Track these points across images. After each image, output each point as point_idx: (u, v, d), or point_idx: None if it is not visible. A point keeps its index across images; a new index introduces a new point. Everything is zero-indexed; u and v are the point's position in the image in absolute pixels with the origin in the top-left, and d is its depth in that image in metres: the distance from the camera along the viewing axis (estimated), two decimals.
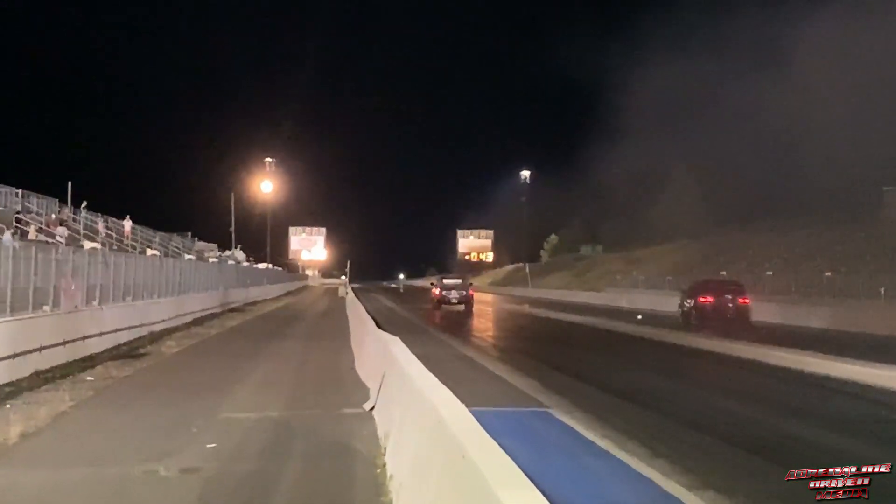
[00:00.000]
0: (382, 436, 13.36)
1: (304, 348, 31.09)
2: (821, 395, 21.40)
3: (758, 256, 78.25)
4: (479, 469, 6.29)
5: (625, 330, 43.30)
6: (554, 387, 21.46)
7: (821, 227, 74.36)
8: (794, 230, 77.62)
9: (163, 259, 45.42)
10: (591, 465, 12.92)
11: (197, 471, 11.71)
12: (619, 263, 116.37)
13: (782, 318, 50.71)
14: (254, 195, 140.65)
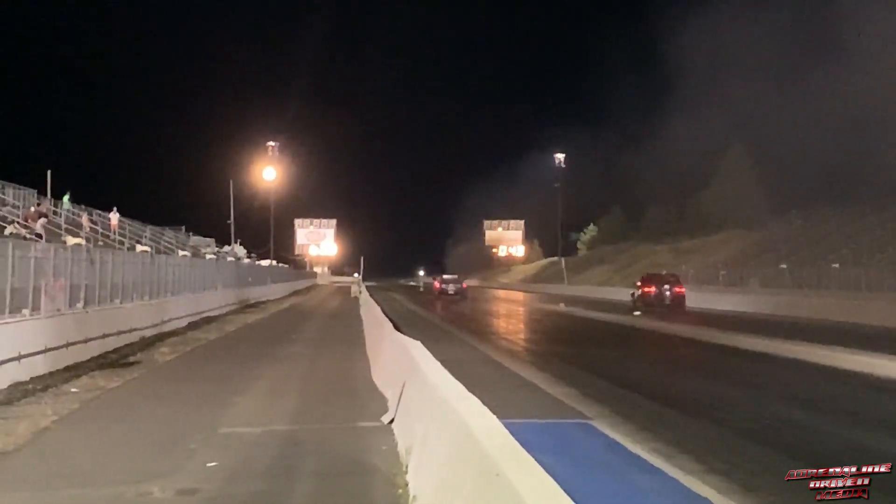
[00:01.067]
0: (403, 452, 13.32)
1: (313, 354, 31.11)
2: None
3: (822, 248, 77.91)
4: (515, 489, 6.24)
5: (675, 332, 43.11)
6: (595, 395, 21.41)
7: (892, 212, 73.88)
8: (864, 219, 77.22)
9: (154, 256, 45.43)
10: (638, 483, 12.87)
11: (195, 492, 11.69)
12: (666, 256, 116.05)
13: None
14: (255, 184, 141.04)
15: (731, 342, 35.69)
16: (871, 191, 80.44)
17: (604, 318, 55.94)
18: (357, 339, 34.72)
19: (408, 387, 15.51)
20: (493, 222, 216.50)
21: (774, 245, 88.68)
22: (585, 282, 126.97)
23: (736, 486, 12.43)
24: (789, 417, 18.87)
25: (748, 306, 66.40)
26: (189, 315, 45.07)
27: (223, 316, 52.77)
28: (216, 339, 37.62)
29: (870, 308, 52.96)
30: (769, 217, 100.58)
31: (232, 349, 33.24)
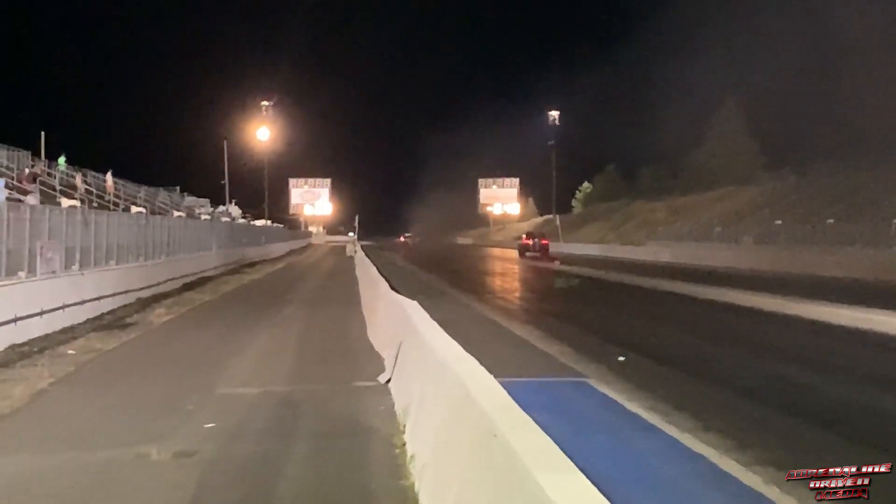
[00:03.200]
0: (400, 412, 13.32)
1: (309, 314, 31.14)
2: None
3: (817, 203, 77.83)
4: (512, 449, 6.23)
5: (671, 289, 43.21)
6: (591, 353, 21.44)
7: (889, 170, 73.73)
8: (858, 174, 77.05)
9: (149, 217, 45.29)
10: (636, 441, 12.89)
11: (193, 454, 11.67)
12: (661, 213, 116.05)
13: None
14: (249, 144, 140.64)
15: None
16: (866, 146, 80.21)
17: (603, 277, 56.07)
18: (353, 298, 34.74)
19: (404, 346, 15.51)
20: (487, 180, 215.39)
21: (769, 202, 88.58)
22: (580, 239, 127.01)
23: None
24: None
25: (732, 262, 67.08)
26: (184, 276, 45.01)
27: (219, 276, 52.72)
28: (212, 300, 37.62)
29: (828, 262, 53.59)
30: (764, 174, 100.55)
31: (228, 310, 33.22)
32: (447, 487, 8.03)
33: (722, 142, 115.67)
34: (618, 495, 8.71)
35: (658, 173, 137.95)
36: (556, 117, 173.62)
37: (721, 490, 10.42)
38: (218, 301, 37.49)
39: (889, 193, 68.17)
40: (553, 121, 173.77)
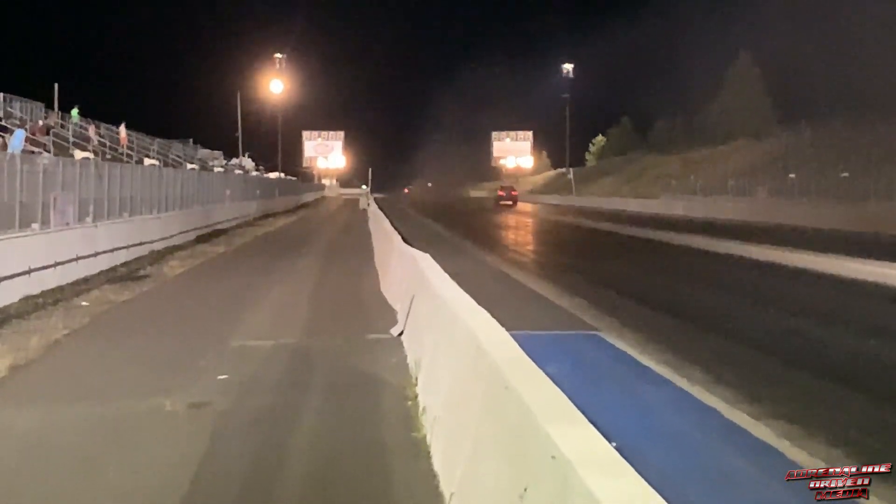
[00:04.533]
0: (413, 364, 13.37)
1: (323, 267, 31.19)
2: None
3: (831, 158, 77.49)
4: (524, 401, 6.24)
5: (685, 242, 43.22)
6: (604, 306, 21.49)
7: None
8: (873, 128, 76.64)
9: (162, 169, 45.29)
10: (648, 394, 12.94)
11: (207, 405, 11.72)
12: (675, 167, 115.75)
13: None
14: (263, 96, 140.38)
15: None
16: (881, 100, 79.77)
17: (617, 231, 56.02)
18: (366, 251, 34.75)
19: (417, 299, 15.53)
20: (500, 133, 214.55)
21: (783, 155, 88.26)
22: (594, 193, 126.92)
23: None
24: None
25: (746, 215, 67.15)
26: (198, 228, 45.05)
27: (232, 229, 52.79)
28: (226, 252, 37.69)
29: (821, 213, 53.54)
30: (778, 128, 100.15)
31: (241, 262, 33.30)
32: (459, 439, 8.07)
33: (736, 96, 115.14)
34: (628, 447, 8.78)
35: (672, 127, 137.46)
36: (570, 70, 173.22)
37: (731, 443, 10.46)
38: (231, 253, 37.55)
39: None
40: (567, 74, 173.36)
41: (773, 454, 9.96)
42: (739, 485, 9.00)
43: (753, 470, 9.45)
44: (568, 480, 4.76)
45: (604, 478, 4.56)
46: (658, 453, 9.69)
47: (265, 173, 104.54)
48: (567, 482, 4.77)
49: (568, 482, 4.76)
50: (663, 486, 4.59)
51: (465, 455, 7.62)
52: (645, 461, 8.53)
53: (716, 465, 9.66)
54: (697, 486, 8.74)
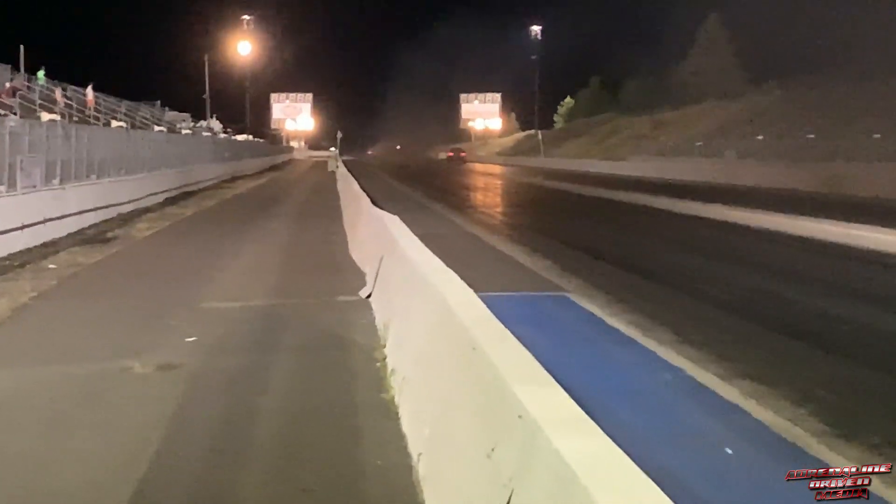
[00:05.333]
0: (381, 326, 13.40)
1: (291, 229, 31.16)
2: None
3: (799, 118, 77.74)
4: (491, 362, 6.29)
5: (653, 203, 43.43)
6: (573, 268, 21.57)
7: (871, 83, 73.55)
8: (841, 90, 76.87)
9: (130, 131, 45.14)
10: (615, 354, 13.02)
11: (177, 367, 11.70)
12: (644, 128, 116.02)
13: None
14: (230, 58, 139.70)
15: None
16: (849, 61, 79.99)
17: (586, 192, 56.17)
18: (334, 214, 34.73)
19: (385, 261, 15.55)
20: (469, 95, 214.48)
21: (753, 117, 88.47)
22: (563, 154, 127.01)
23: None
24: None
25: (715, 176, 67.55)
26: (166, 191, 44.89)
27: (200, 191, 52.59)
28: (194, 215, 37.54)
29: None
30: (748, 89, 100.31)
31: (210, 225, 33.17)
32: (427, 400, 8.12)
33: (706, 57, 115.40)
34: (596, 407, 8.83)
35: (642, 88, 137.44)
36: (539, 32, 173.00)
37: (699, 402, 10.54)
38: (200, 216, 37.40)
39: (871, 107, 68.13)
40: (536, 35, 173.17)
41: (740, 413, 10.05)
42: (706, 443, 9.08)
43: (720, 428, 9.53)
44: (535, 440, 4.81)
45: (570, 437, 4.60)
46: (625, 413, 9.76)
47: (233, 136, 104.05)
48: (534, 441, 4.82)
49: (535, 441, 4.81)
50: (630, 445, 4.64)
51: (433, 415, 7.67)
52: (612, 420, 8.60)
53: (682, 424, 9.74)
54: (664, 444, 8.80)
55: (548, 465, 4.51)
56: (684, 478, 7.72)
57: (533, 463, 4.75)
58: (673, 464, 8.03)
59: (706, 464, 8.43)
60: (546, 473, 4.51)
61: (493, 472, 5.38)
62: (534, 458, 4.76)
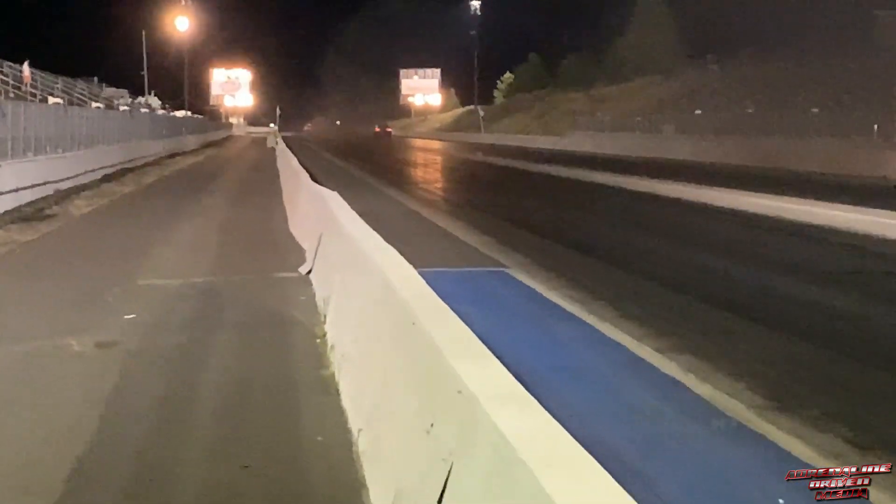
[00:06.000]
0: (321, 302, 13.35)
1: (230, 206, 31.02)
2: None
3: (737, 93, 78.25)
4: (430, 337, 6.29)
5: (592, 179, 43.66)
6: (513, 243, 21.61)
7: (807, 58, 74.11)
8: (778, 63, 77.36)
9: (67, 108, 44.69)
10: (555, 330, 13.05)
11: (115, 345, 11.60)
12: (583, 103, 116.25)
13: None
14: (168, 34, 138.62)
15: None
16: (788, 38, 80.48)
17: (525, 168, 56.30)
18: (274, 190, 34.58)
19: (325, 237, 15.52)
20: (409, 71, 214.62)
21: (690, 92, 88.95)
22: (502, 130, 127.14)
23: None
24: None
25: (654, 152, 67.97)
26: (104, 167, 44.41)
27: (139, 168, 52.13)
28: (133, 192, 37.29)
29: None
30: (686, 64, 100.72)
31: (149, 201, 33.00)
32: (367, 376, 8.11)
33: (645, 32, 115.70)
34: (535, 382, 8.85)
35: (581, 64, 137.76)
36: (478, 7, 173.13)
37: (638, 377, 10.58)
38: (138, 192, 37.19)
39: (809, 83, 68.69)
40: (475, 11, 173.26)
41: (679, 388, 10.10)
42: (644, 418, 9.12)
43: (658, 403, 9.58)
44: (474, 415, 4.81)
45: (509, 412, 4.61)
46: (565, 388, 9.80)
47: (172, 112, 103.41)
48: (473, 416, 4.82)
49: (474, 416, 4.81)
50: (570, 420, 4.65)
51: (373, 391, 7.67)
52: (552, 396, 8.64)
53: (622, 400, 9.78)
54: (603, 419, 8.85)
55: (487, 440, 4.51)
56: (623, 452, 7.76)
57: (472, 438, 4.76)
58: (611, 438, 8.07)
59: (645, 438, 8.48)
60: (485, 448, 4.51)
61: (433, 447, 5.38)
62: (473, 433, 4.76)
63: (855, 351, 11.85)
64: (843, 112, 59.38)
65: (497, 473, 4.29)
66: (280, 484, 7.22)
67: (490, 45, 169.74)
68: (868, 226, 23.31)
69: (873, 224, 23.30)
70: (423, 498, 5.18)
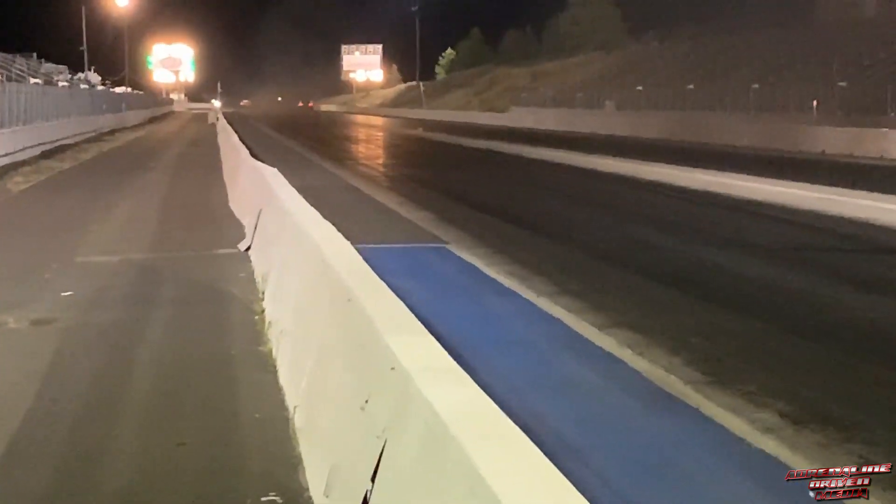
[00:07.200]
0: (260, 279, 13.30)
1: (170, 182, 30.81)
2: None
3: (677, 69, 78.60)
4: (366, 313, 6.29)
5: (533, 155, 43.78)
6: (452, 219, 21.62)
7: (748, 34, 74.52)
8: (718, 38, 77.76)
9: (5, 83, 44.28)
10: (493, 305, 13.06)
11: (51, 322, 11.51)
12: (525, 79, 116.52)
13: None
14: (108, 8, 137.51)
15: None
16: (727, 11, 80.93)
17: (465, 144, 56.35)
18: (214, 166, 34.39)
19: (264, 214, 15.47)
20: (350, 47, 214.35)
21: (632, 67, 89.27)
22: (444, 106, 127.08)
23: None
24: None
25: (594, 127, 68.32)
26: (42, 144, 44.04)
27: (78, 144, 51.73)
28: (71, 168, 37.02)
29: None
30: (627, 39, 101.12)
31: (87, 178, 32.75)
32: (304, 353, 8.08)
33: (586, 6, 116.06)
34: (473, 357, 8.87)
35: (522, 38, 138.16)
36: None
37: (576, 352, 10.61)
38: (77, 169, 36.91)
39: (747, 58, 69.10)
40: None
41: (615, 362, 10.13)
42: (580, 392, 9.15)
43: (594, 377, 9.60)
44: (407, 390, 4.82)
45: (441, 387, 4.61)
46: (503, 363, 9.80)
47: (112, 88, 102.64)
48: (406, 392, 4.83)
49: (407, 392, 4.81)
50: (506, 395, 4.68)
51: (310, 368, 7.65)
52: (490, 371, 8.66)
53: (558, 374, 9.80)
54: (540, 393, 8.86)
55: (419, 415, 4.51)
56: (558, 427, 7.78)
57: (405, 414, 4.76)
58: (548, 412, 8.09)
59: (580, 412, 8.50)
60: (418, 424, 4.51)
61: (367, 423, 5.37)
62: (405, 409, 4.76)
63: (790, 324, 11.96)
64: (783, 87, 59.82)
65: (429, 449, 4.29)
66: (216, 461, 7.19)
67: (432, 20, 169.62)
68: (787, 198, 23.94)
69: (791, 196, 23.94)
70: (358, 475, 5.17)
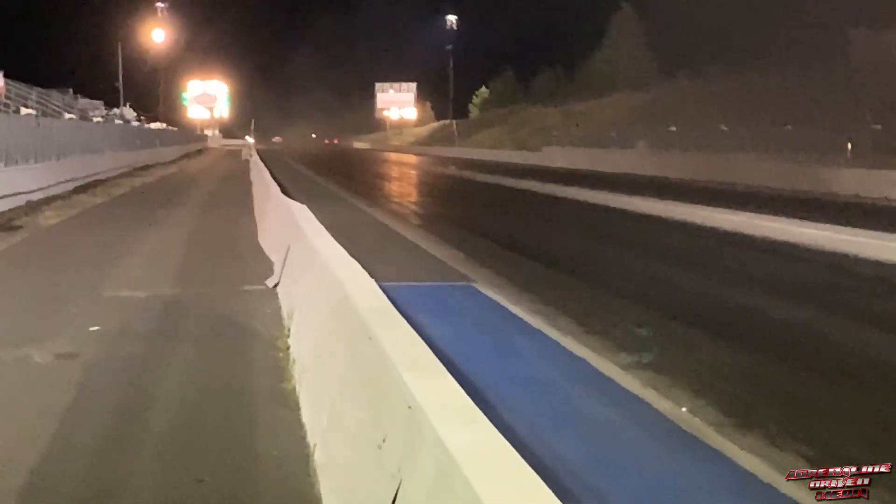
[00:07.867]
0: (286, 316, 13.30)
1: (201, 218, 30.89)
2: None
3: (711, 108, 78.48)
4: (385, 351, 6.28)
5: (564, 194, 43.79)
6: (480, 257, 21.61)
7: (781, 75, 74.46)
8: (751, 79, 77.70)
9: (40, 118, 44.55)
10: (518, 344, 13.02)
11: (76, 356, 11.52)
12: (556, 118, 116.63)
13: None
14: (144, 46, 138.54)
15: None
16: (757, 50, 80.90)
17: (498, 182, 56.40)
18: (245, 202, 34.48)
19: (292, 250, 15.48)
20: (384, 84, 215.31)
21: (664, 106, 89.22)
22: (476, 144, 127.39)
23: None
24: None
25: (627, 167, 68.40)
26: (76, 179, 44.23)
27: (111, 179, 51.95)
28: (103, 203, 37.14)
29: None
30: (659, 78, 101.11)
31: (118, 213, 32.85)
32: (324, 389, 8.06)
33: (618, 47, 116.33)
34: (494, 397, 8.84)
35: (555, 78, 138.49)
36: (454, 22, 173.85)
37: (599, 392, 10.55)
38: (109, 204, 37.04)
39: (780, 99, 69.00)
40: (451, 25, 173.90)
41: (639, 403, 10.08)
42: (604, 433, 9.10)
43: (618, 419, 9.55)
44: (422, 430, 4.80)
45: (455, 427, 4.60)
46: (524, 403, 9.75)
47: (146, 123, 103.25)
48: (421, 431, 4.81)
49: (422, 431, 4.80)
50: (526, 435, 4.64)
51: (329, 405, 7.63)
52: (511, 411, 8.61)
53: (581, 414, 9.75)
54: (561, 434, 8.81)
55: (432, 454, 4.50)
56: (579, 466, 7.72)
57: (419, 453, 4.75)
58: (568, 453, 8.03)
59: (601, 453, 8.45)
60: (430, 463, 4.50)
61: (384, 462, 5.36)
62: (419, 448, 4.75)
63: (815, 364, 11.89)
64: (816, 128, 59.69)
65: (441, 488, 4.27)
66: (234, 498, 7.18)
67: (466, 59, 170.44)
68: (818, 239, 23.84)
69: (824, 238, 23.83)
70: None
